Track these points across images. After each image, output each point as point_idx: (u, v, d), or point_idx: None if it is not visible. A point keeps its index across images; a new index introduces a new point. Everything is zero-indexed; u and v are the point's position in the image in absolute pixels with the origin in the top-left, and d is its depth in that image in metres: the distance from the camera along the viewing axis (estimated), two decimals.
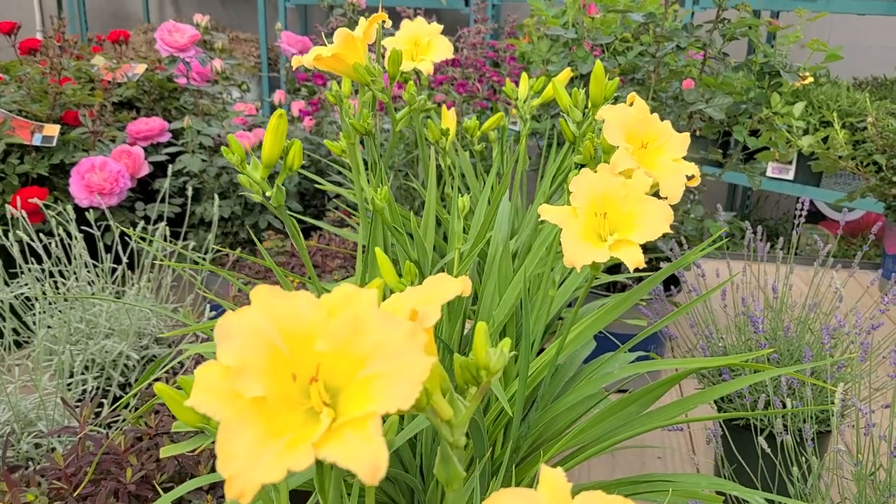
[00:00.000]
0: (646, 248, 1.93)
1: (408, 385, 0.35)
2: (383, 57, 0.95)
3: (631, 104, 0.74)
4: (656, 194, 0.76)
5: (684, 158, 0.80)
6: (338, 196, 2.11)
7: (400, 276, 0.73)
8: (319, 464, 0.44)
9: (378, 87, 0.85)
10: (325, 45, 0.96)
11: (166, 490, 0.93)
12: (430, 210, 0.99)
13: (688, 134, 0.74)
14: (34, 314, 1.54)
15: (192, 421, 0.48)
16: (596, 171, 0.71)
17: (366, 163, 1.06)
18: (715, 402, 1.34)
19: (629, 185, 0.69)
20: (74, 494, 0.90)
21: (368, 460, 0.33)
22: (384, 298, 0.51)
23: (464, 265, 0.86)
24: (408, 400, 0.34)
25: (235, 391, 0.36)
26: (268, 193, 0.72)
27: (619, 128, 0.71)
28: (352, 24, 1.17)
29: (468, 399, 0.50)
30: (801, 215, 1.46)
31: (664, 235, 1.88)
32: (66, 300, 1.55)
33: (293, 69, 1.28)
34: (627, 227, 0.68)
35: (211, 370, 0.36)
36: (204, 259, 1.73)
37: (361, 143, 1.03)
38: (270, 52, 4.26)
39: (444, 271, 0.94)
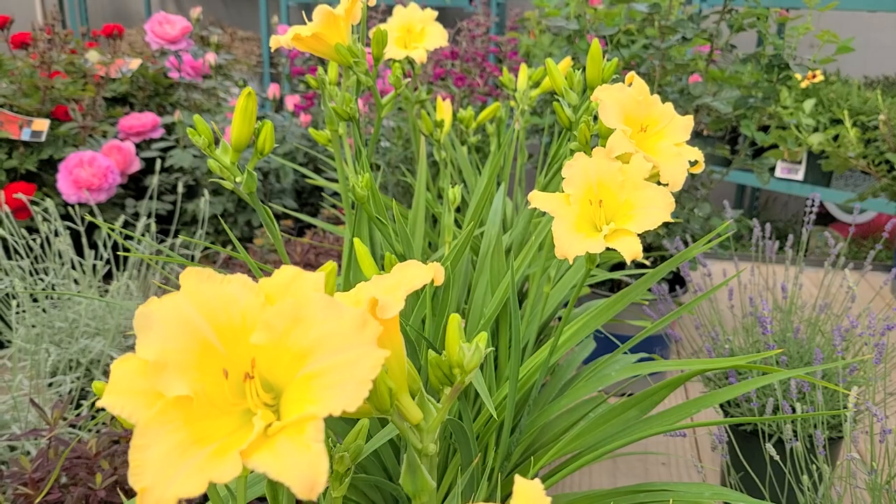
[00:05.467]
0: (650, 247, 1.87)
1: (353, 384, 0.29)
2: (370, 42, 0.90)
3: (630, 84, 0.69)
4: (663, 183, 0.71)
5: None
6: (335, 193, 2.05)
7: (382, 269, 0.68)
8: None
9: (361, 69, 0.80)
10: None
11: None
12: (418, 202, 0.94)
13: (691, 117, 0.69)
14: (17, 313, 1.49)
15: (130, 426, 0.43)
16: (591, 156, 0.65)
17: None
18: (721, 406, 1.28)
19: (627, 170, 0.63)
20: (37, 501, 0.85)
21: (303, 472, 0.28)
22: None
23: (451, 259, 0.80)
24: (354, 401, 0.29)
25: (156, 390, 0.31)
26: (238, 179, 0.67)
27: (617, 109, 0.66)
28: None
29: (441, 402, 0.45)
30: (810, 212, 1.41)
31: (667, 229, 1.81)
32: (48, 298, 1.50)
33: (288, 64, 1.24)
34: (625, 216, 0.63)
35: (128, 365, 0.31)
36: (192, 257, 1.68)
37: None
38: (273, 49, 4.25)
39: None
